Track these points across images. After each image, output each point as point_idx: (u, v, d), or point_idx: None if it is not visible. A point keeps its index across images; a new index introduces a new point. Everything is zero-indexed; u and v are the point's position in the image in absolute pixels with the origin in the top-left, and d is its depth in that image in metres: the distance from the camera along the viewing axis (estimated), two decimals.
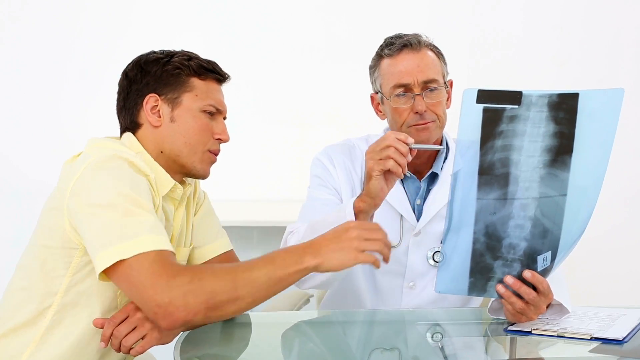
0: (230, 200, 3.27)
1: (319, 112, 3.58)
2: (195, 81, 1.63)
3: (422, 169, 1.93)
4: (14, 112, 3.66)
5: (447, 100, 1.90)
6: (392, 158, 1.59)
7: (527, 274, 1.49)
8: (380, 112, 1.95)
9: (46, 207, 1.57)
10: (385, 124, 1.99)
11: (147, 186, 1.49)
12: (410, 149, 1.62)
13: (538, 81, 3.61)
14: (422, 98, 1.82)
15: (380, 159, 1.60)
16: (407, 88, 1.83)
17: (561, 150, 1.43)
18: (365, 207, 1.63)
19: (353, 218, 1.63)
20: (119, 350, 1.48)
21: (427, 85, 1.83)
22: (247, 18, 3.69)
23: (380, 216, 1.72)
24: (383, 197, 1.63)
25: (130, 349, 1.47)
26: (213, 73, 1.66)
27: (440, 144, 1.93)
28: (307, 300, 2.40)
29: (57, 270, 1.51)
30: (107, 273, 1.39)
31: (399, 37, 1.90)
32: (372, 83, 1.95)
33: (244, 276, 1.35)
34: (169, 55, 1.65)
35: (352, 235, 1.36)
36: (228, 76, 1.69)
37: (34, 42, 3.64)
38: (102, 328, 1.49)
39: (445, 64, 1.91)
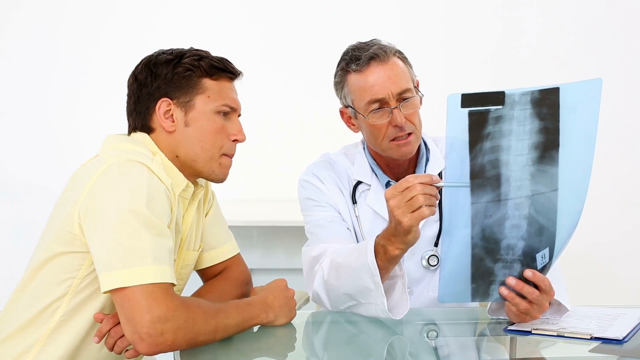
0: (231, 200, 3.27)
1: (320, 112, 3.58)
2: (207, 82, 1.61)
3: (406, 175, 1.90)
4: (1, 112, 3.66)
5: (420, 103, 1.87)
6: (424, 205, 1.49)
7: (528, 273, 1.49)
8: (354, 125, 1.92)
9: (55, 211, 1.56)
10: (359, 136, 1.97)
11: (164, 195, 1.48)
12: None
13: (538, 81, 3.61)
14: (400, 110, 1.80)
15: (413, 212, 1.49)
16: (382, 102, 1.80)
17: (548, 145, 1.43)
18: (401, 254, 1.58)
19: (375, 267, 1.58)
20: (111, 349, 1.49)
21: (402, 97, 1.81)
22: (247, 15, 3.70)
23: (374, 229, 1.71)
24: (418, 238, 1.56)
25: (125, 350, 1.48)
26: (224, 72, 1.63)
27: (419, 150, 1.92)
28: (307, 300, 2.40)
29: (67, 272, 1.51)
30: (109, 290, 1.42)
31: (362, 48, 1.84)
32: (340, 98, 1.91)
33: (222, 322, 1.47)
34: (179, 55, 1.62)
35: (290, 294, 1.64)
36: (240, 72, 1.67)
37: (21, 40, 3.64)
38: (101, 322, 1.50)
39: (411, 67, 1.88)
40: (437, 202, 1.84)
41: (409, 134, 1.82)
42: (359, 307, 1.68)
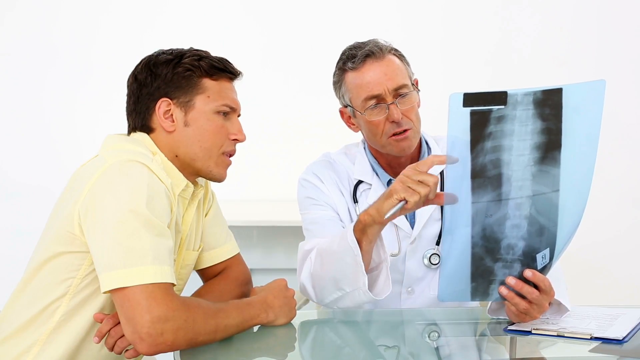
0: (231, 200, 3.27)
1: (320, 112, 3.58)
2: (207, 82, 1.61)
3: None
4: None
5: (418, 100, 1.88)
6: (420, 195, 1.50)
7: (528, 273, 1.49)
8: (353, 124, 1.93)
9: (55, 211, 1.56)
10: (359, 136, 1.97)
11: (164, 195, 1.48)
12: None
13: (537, 82, 3.61)
14: (396, 106, 1.82)
15: (410, 188, 1.50)
16: (379, 98, 1.82)
17: (550, 146, 1.43)
18: (368, 221, 1.58)
19: (356, 245, 1.60)
20: (111, 349, 1.49)
21: (398, 92, 1.82)
22: (247, 15, 3.70)
23: None
24: (388, 220, 1.56)
25: (125, 350, 1.48)
26: (224, 72, 1.64)
27: (420, 148, 1.93)
28: (307, 300, 2.40)
29: (67, 272, 1.51)
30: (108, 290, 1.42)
31: (358, 47, 1.87)
32: (339, 98, 1.93)
33: (222, 322, 1.47)
34: (179, 55, 1.62)
35: (290, 294, 1.63)
36: (240, 72, 1.68)
37: (18, 40, 3.63)
38: (101, 323, 1.50)
39: (408, 64, 1.89)
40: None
41: (407, 129, 1.83)
42: (344, 298, 1.68)
